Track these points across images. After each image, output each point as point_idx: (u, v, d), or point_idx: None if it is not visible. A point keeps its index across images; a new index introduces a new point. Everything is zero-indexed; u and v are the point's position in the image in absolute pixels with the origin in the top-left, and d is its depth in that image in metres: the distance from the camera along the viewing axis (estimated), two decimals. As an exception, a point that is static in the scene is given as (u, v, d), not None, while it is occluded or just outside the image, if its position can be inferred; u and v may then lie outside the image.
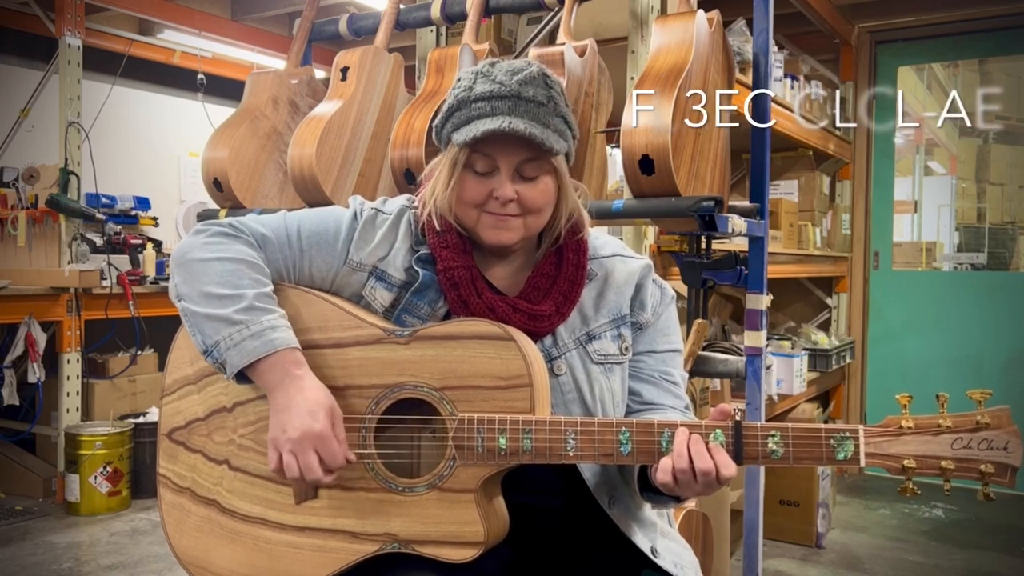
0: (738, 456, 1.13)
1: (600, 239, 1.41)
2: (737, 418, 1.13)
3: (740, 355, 2.50)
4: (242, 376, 1.24)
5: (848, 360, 4.53)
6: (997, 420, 1.07)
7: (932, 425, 1.09)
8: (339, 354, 1.26)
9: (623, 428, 1.16)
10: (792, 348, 3.86)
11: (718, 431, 1.13)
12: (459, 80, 1.28)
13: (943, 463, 1.08)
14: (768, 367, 3.05)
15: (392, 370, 1.23)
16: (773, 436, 1.12)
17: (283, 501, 1.28)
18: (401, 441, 1.26)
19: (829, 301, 4.80)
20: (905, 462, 1.09)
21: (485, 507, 1.20)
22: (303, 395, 1.20)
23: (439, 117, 1.29)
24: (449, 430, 1.20)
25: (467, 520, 1.19)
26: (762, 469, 2.48)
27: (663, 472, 1.13)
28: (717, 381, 3.11)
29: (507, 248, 1.30)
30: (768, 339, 2.62)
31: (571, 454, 1.17)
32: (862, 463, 1.10)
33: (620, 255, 1.39)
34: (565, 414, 1.29)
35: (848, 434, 1.10)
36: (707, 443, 1.13)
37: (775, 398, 3.48)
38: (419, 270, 1.29)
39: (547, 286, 1.30)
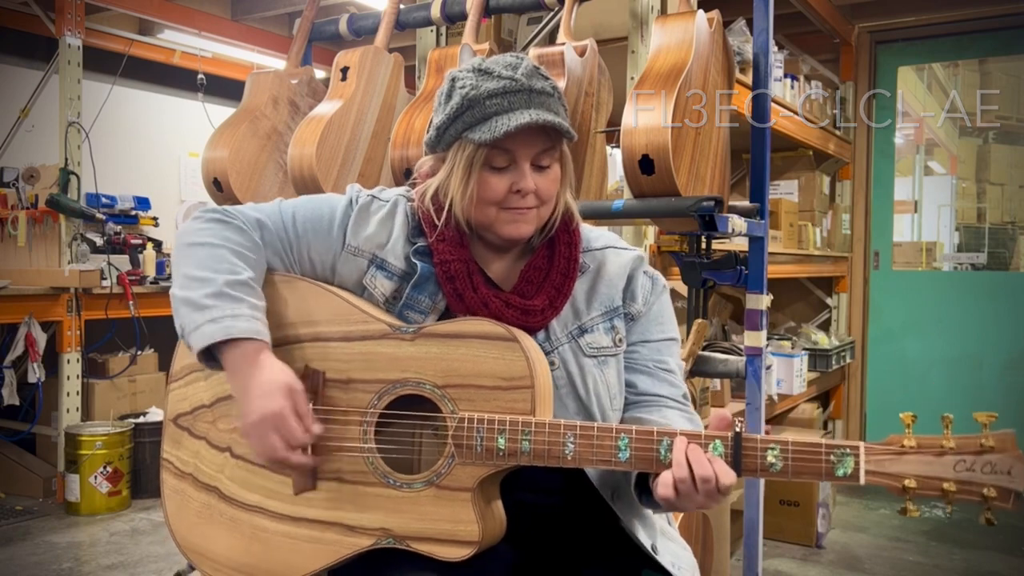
0: (736, 468, 1.11)
1: (594, 232, 1.41)
2: (737, 429, 1.12)
3: (740, 355, 2.50)
4: (213, 363, 1.23)
5: (848, 360, 4.52)
6: (1001, 443, 1.04)
7: (935, 446, 1.06)
8: (346, 347, 1.27)
9: (622, 434, 1.15)
10: (792, 348, 3.85)
11: (717, 442, 1.12)
12: (454, 80, 1.26)
13: (945, 485, 1.05)
14: (768, 367, 3.05)
15: (396, 366, 1.24)
16: (772, 449, 1.10)
17: (282, 491, 1.29)
18: (401, 437, 1.26)
19: (829, 301, 4.80)
20: (906, 482, 1.07)
21: (481, 507, 1.20)
22: (257, 379, 1.19)
23: (441, 118, 1.26)
24: (449, 428, 1.20)
25: (462, 519, 1.19)
26: (762, 469, 2.47)
27: (664, 487, 1.12)
28: (717, 381, 3.11)
29: (523, 241, 1.30)
30: (768, 339, 2.62)
31: (569, 458, 1.16)
32: (862, 481, 1.07)
33: (613, 247, 1.39)
34: (560, 408, 1.29)
35: (849, 450, 1.08)
36: (705, 451, 1.12)
37: (775, 398, 3.48)
38: (417, 262, 1.30)
39: (539, 279, 1.30)
